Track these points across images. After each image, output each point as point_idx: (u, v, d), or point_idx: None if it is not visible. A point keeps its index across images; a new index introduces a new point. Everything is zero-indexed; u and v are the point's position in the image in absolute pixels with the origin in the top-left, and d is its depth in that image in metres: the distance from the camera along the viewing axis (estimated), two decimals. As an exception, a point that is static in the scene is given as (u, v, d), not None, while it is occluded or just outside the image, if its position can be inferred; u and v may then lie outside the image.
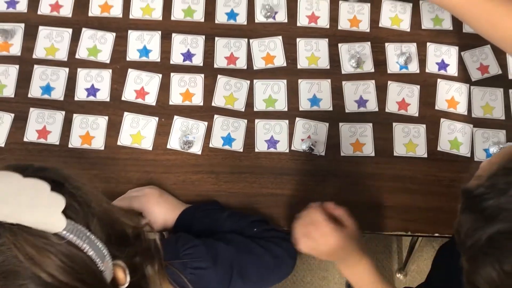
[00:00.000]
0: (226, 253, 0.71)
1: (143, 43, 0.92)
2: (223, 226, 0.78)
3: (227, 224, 0.78)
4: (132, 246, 0.53)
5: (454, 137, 0.90)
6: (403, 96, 0.92)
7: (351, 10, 0.96)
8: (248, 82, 0.91)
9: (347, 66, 0.93)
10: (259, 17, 0.94)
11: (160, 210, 0.79)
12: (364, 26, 0.96)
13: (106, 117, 0.87)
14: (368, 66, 0.93)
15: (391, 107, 0.91)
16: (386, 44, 0.95)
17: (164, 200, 0.81)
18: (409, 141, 0.89)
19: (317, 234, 0.71)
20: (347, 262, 0.75)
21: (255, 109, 0.89)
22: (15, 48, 0.89)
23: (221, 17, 0.94)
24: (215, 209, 0.81)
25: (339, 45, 0.94)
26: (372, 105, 0.91)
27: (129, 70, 0.90)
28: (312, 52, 0.93)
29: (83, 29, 0.91)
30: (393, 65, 0.94)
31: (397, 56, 0.94)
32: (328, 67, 0.93)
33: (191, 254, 0.68)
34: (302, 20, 0.95)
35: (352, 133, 0.89)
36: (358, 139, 0.89)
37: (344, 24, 0.96)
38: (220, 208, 0.82)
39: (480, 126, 0.91)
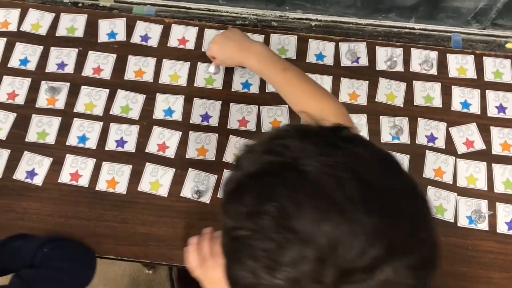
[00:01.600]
0: None
1: (168, 105, 1.06)
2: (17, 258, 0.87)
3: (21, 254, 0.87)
4: None
5: (440, 203, 0.99)
6: (394, 164, 1.02)
7: (351, 86, 1.09)
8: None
9: (344, 134, 1.04)
10: (270, 88, 1.08)
11: None
12: (362, 100, 1.08)
13: (131, 166, 1.00)
14: (363, 135, 1.04)
15: (383, 172, 1.01)
16: (381, 117, 1.06)
17: None
18: (397, 204, 0.98)
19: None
20: None
21: (260, 167, 1.01)
22: (60, 103, 1.05)
23: (237, 86, 1.09)
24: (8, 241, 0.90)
25: (339, 115, 1.06)
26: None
27: (154, 126, 1.04)
28: (314, 120, 1.05)
29: (119, 90, 1.06)
30: (386, 136, 1.05)
31: (390, 127, 1.05)
32: (328, 134, 1.04)
33: None
34: (307, 92, 1.08)
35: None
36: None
37: (344, 97, 1.08)
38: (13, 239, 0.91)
39: (464, 195, 1.00)
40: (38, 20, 1.13)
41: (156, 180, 0.99)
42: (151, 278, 1.68)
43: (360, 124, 1.05)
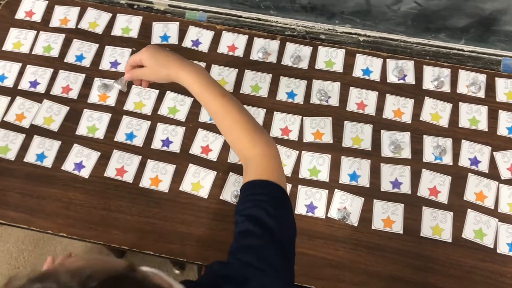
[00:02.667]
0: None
1: (213, 109, 1.08)
2: None
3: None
4: None
5: (479, 227, 0.98)
6: (435, 184, 1.02)
7: (396, 103, 1.09)
8: (297, 152, 1.04)
9: (386, 151, 1.05)
10: (314, 99, 1.09)
11: None
12: (406, 118, 1.08)
13: (174, 166, 1.03)
14: (406, 153, 1.04)
15: (423, 192, 1.01)
16: (424, 136, 1.06)
17: None
18: (436, 224, 0.98)
19: None
20: None
21: (299, 176, 1.02)
22: (111, 100, 1.09)
23: (281, 95, 1.10)
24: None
25: (382, 131, 1.07)
26: (405, 188, 1.01)
27: (199, 129, 1.06)
28: (357, 134, 1.06)
29: (168, 92, 1.10)
30: (429, 155, 1.04)
31: (433, 147, 1.05)
32: (370, 149, 1.05)
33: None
34: (352, 106, 1.09)
35: (385, 210, 0.99)
36: (389, 216, 0.99)
37: (388, 114, 1.09)
38: None
39: (505, 221, 0.99)
40: (95, 19, 1.17)
41: (198, 182, 1.02)
42: (179, 278, 1.70)
43: (403, 142, 1.05)
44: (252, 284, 0.65)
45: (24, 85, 1.10)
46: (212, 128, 1.06)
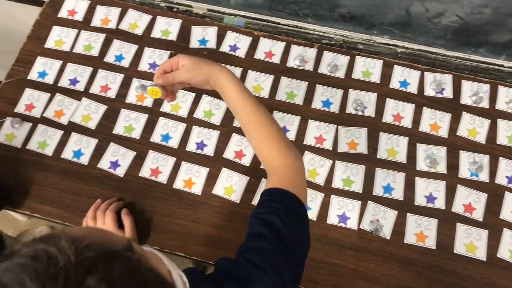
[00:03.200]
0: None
1: (248, 114, 1.09)
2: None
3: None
4: None
5: (515, 247, 0.96)
6: (470, 201, 1.00)
7: (433, 117, 1.08)
8: (331, 161, 1.04)
9: (422, 164, 1.03)
10: (350, 109, 1.09)
11: None
12: (443, 132, 1.07)
13: (207, 169, 1.03)
14: (441, 168, 1.03)
15: (458, 208, 1.00)
16: (461, 151, 1.05)
17: None
18: (470, 242, 0.96)
19: None
20: None
21: (333, 186, 1.02)
22: (148, 101, 1.10)
23: (317, 104, 1.10)
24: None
25: (418, 144, 1.05)
26: (440, 203, 1.00)
27: (233, 134, 1.07)
28: (392, 146, 1.05)
29: (204, 95, 1.10)
30: (465, 171, 1.03)
31: (469, 163, 1.03)
32: (405, 162, 1.04)
33: None
34: (388, 118, 1.08)
35: (418, 224, 0.98)
36: (423, 231, 0.98)
37: (425, 127, 1.07)
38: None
39: (542, 242, 0.97)
40: (136, 20, 1.19)
41: (230, 186, 1.02)
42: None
43: (439, 156, 1.04)
44: (253, 285, 0.65)
45: (64, 82, 1.12)
46: (246, 133, 1.07)
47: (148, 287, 0.47)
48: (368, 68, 1.13)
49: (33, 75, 1.13)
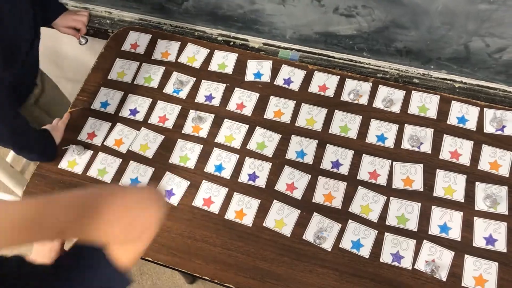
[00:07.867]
0: None
1: (301, 147, 1.09)
2: None
3: None
4: None
5: None
6: (535, 244, 0.95)
7: (493, 155, 1.04)
8: (385, 198, 1.02)
9: (481, 204, 0.99)
10: (405, 144, 1.07)
11: None
12: (504, 171, 1.03)
13: (259, 201, 1.04)
14: (502, 209, 0.98)
15: (521, 252, 0.95)
16: (524, 192, 1.00)
17: None
18: (535, 289, 0.91)
19: None
20: None
21: (387, 223, 0.99)
22: (204, 132, 1.13)
23: (371, 138, 1.09)
24: None
25: (476, 183, 1.02)
26: (501, 246, 0.95)
27: (285, 166, 1.07)
28: (449, 184, 1.02)
29: (257, 127, 1.12)
30: (528, 213, 0.98)
31: (533, 205, 0.98)
32: (463, 201, 1.00)
33: None
34: (445, 154, 1.05)
35: (477, 267, 0.94)
36: (482, 274, 0.93)
37: (484, 165, 1.04)
38: None
39: None
40: (194, 54, 1.24)
41: (281, 219, 1.02)
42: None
43: (500, 196, 0.99)
44: None
45: (124, 112, 1.17)
46: (298, 166, 1.07)
47: None
48: (425, 103, 1.11)
49: (96, 105, 1.19)
